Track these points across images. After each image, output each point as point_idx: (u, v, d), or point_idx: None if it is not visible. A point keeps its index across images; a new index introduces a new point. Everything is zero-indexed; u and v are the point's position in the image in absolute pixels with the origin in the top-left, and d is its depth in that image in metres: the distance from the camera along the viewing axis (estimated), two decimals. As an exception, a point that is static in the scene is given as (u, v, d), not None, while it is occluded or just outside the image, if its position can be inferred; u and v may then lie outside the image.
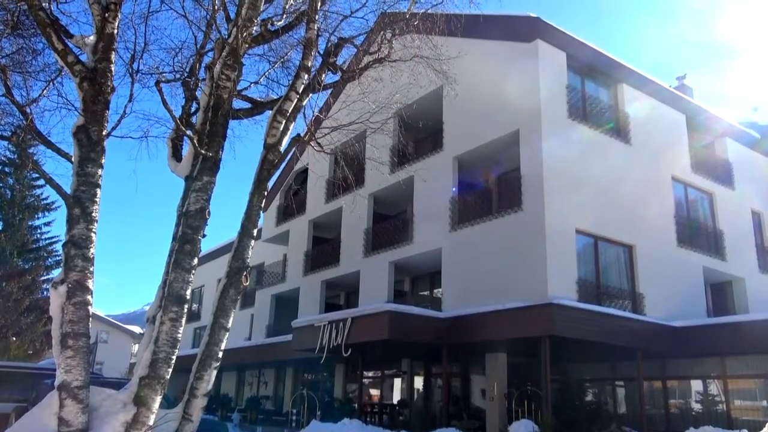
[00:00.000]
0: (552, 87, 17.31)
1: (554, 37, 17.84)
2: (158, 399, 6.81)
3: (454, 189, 19.36)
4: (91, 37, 7.05)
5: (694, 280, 19.21)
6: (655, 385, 17.34)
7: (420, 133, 20.87)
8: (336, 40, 9.36)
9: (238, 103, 9.07)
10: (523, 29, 18.05)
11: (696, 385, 17.09)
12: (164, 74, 9.24)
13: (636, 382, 16.42)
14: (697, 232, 20.23)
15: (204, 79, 8.46)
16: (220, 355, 7.70)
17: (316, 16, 9.00)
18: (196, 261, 7.47)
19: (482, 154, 19.13)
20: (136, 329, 55.99)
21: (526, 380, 16.26)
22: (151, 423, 6.68)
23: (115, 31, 7.07)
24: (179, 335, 7.09)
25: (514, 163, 17.46)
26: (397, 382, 21.83)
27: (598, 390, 18.54)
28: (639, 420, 15.83)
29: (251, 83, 9.78)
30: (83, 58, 7.00)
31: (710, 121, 22.16)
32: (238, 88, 8.64)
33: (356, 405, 20.95)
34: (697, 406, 16.77)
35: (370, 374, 22.82)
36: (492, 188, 19.32)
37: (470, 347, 16.96)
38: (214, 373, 7.64)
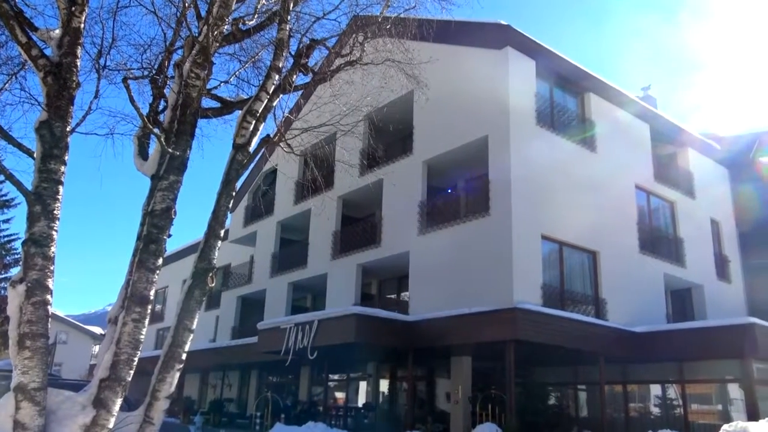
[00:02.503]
0: (521, 94, 17.53)
1: (524, 45, 18.09)
2: (119, 401, 6.67)
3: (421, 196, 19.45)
4: (57, 31, 6.89)
5: (655, 286, 19.66)
6: (616, 389, 17.67)
7: (390, 137, 20.91)
8: (308, 42, 9.32)
9: (207, 102, 8.96)
10: (493, 36, 18.26)
11: (655, 389, 17.49)
12: (132, 71, 9.07)
13: (597, 386, 16.72)
14: (658, 239, 20.71)
15: (173, 77, 8.34)
16: (184, 356, 7.59)
17: (288, 17, 8.95)
18: (160, 261, 7.35)
19: (451, 159, 19.27)
20: (97, 330, 54.82)
21: (491, 384, 16.42)
22: (110, 426, 6.54)
23: (82, 25, 6.92)
24: (142, 336, 6.97)
25: (483, 168, 17.64)
26: (363, 385, 21.81)
27: (560, 394, 18.82)
28: (600, 424, 16.11)
29: (221, 82, 9.67)
30: (48, 52, 6.84)
31: (673, 132, 22.72)
32: (208, 86, 8.54)
33: (321, 408, 20.88)
34: (655, 410, 17.16)
35: (336, 377, 22.75)
36: (460, 193, 19.49)
37: (436, 351, 17.05)
38: (177, 375, 7.52)
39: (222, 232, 8.17)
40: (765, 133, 25.28)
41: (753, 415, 13.95)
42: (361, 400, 21.21)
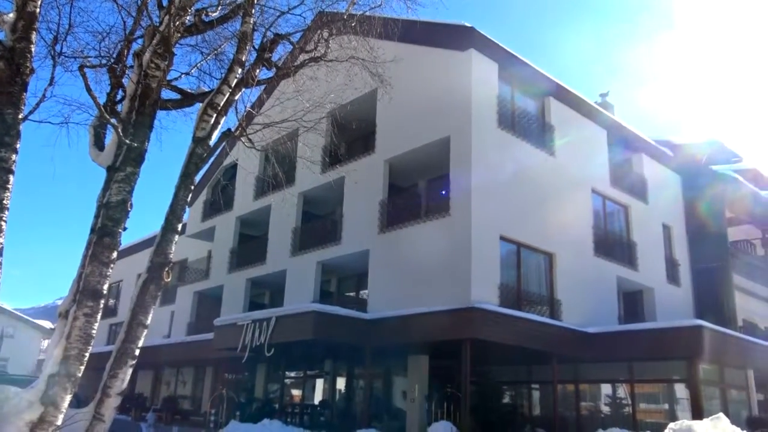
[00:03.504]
0: (483, 96, 17.73)
1: (487, 47, 18.29)
2: (68, 398, 6.51)
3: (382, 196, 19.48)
4: (11, 15, 6.67)
5: (608, 288, 20.16)
6: (568, 388, 18.05)
7: (353, 135, 20.88)
8: (272, 36, 9.25)
9: (167, 94, 8.81)
10: (458, 38, 18.41)
11: (606, 388, 17.94)
12: (89, 59, 8.84)
13: (550, 385, 17.07)
14: (612, 242, 21.22)
15: (132, 67, 8.17)
16: (137, 352, 7.45)
17: (253, 10, 8.87)
18: (115, 254, 7.20)
19: (413, 159, 19.37)
20: (47, 324, 53.21)
21: (447, 382, 16.57)
22: (59, 423, 6.39)
23: (38, 10, 6.71)
24: (94, 331, 6.82)
25: (444, 168, 17.77)
26: (320, 383, 21.75)
27: (514, 392, 19.14)
28: (552, 422, 16.45)
29: (182, 74, 9.52)
30: (1, 36, 6.61)
31: (629, 138, 23.31)
32: (168, 78, 8.40)
33: (277, 405, 20.74)
34: (606, 409, 17.61)
35: (293, 374, 22.63)
36: (421, 193, 19.60)
37: (393, 349, 17.12)
38: (130, 371, 7.38)
39: (179, 226, 8.05)
40: (716, 141, 26.16)
41: (697, 414, 14.45)
42: (318, 397, 21.15)
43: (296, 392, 22.76)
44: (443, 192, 17.51)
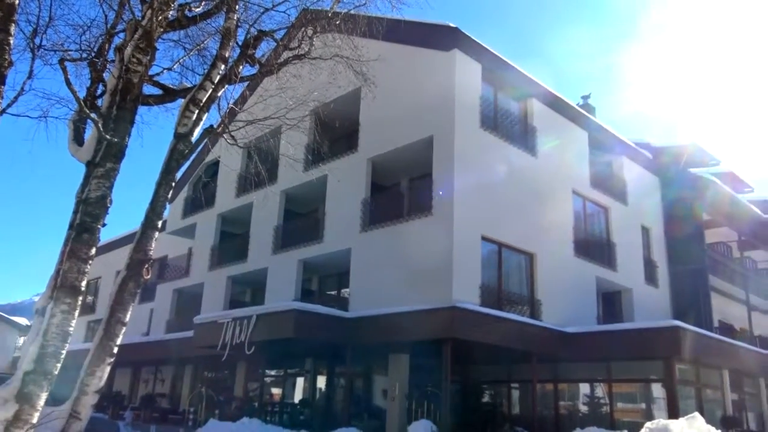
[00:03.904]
0: (466, 97, 17.80)
1: (471, 48, 18.36)
2: (44, 396, 6.43)
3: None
4: (-12, 6, 6.55)
5: (588, 288, 20.36)
6: (547, 388, 18.20)
7: (336, 133, 20.83)
8: (255, 33, 9.19)
9: (148, 89, 8.71)
10: (442, 38, 18.46)
11: (584, 388, 18.11)
12: (69, 52, 8.71)
13: (530, 385, 17.20)
14: (592, 243, 21.43)
15: (113, 61, 8.07)
16: (115, 350, 7.38)
17: (236, 6, 8.81)
18: (93, 251, 7.12)
19: (396, 158, 19.38)
20: (23, 321, 52.38)
21: (428, 381, 16.62)
22: (34, 421, 6.30)
23: (17, 1, 6.61)
24: (71, 328, 6.74)
25: (427, 168, 17.81)
26: (300, 381, 21.68)
27: (494, 391, 19.25)
28: (531, 421, 16.57)
29: (164, 69, 9.40)
30: (-22, 27, 6.49)
31: (610, 140, 23.55)
32: (150, 73, 8.31)
33: (257, 404, 20.65)
34: (584, 408, 17.77)
35: (273, 373, 22.54)
36: (404, 192, 19.62)
37: (374, 348, 17.13)
38: (108, 369, 7.30)
39: (160, 223, 7.98)
40: (694, 144, 26.52)
41: (674, 414, 14.65)
42: (298, 396, 21.09)
43: (276, 391, 22.67)
44: (426, 192, 17.51)
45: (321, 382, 20.85)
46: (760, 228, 28.50)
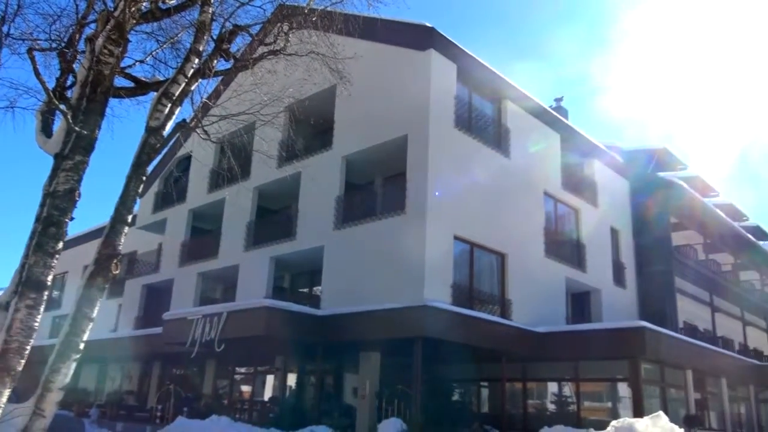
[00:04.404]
0: (441, 96, 17.88)
1: (447, 48, 18.45)
2: (7, 392, 6.29)
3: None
4: (-46, -8, 6.38)
5: (558, 289, 20.63)
6: (516, 386, 18.41)
7: (310, 130, 20.77)
8: (231, 27, 9.10)
9: (120, 81, 8.57)
10: (418, 38, 18.51)
11: (552, 387, 18.37)
12: (39, 42, 8.52)
13: (499, 383, 17.38)
14: (562, 244, 21.72)
15: (83, 52, 7.92)
16: (81, 346, 7.25)
17: (212, 0, 8.72)
18: (60, 245, 6.99)
19: (371, 156, 19.39)
20: (-15, 315, 51.15)
21: (398, 380, 16.67)
22: (-4, 418, 6.16)
23: (-17, -12, 6.45)
24: (36, 324, 6.61)
25: (401, 167, 17.85)
26: (270, 379, 21.57)
27: (464, 390, 19.38)
28: (500, 419, 16.74)
29: (136, 61, 9.26)
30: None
31: (581, 143, 23.89)
32: (122, 65, 8.18)
33: (226, 401, 20.49)
34: (552, 407, 18.02)
35: (243, 370, 22.38)
36: (378, 190, 19.64)
37: (345, 346, 17.12)
38: (74, 365, 7.18)
39: (129, 218, 7.86)
40: (662, 149, 27.07)
41: (638, 412, 14.93)
42: (268, 393, 20.97)
43: (246, 388, 22.52)
44: (399, 190, 17.55)
45: (291, 379, 20.76)
46: (725, 231, 29.24)
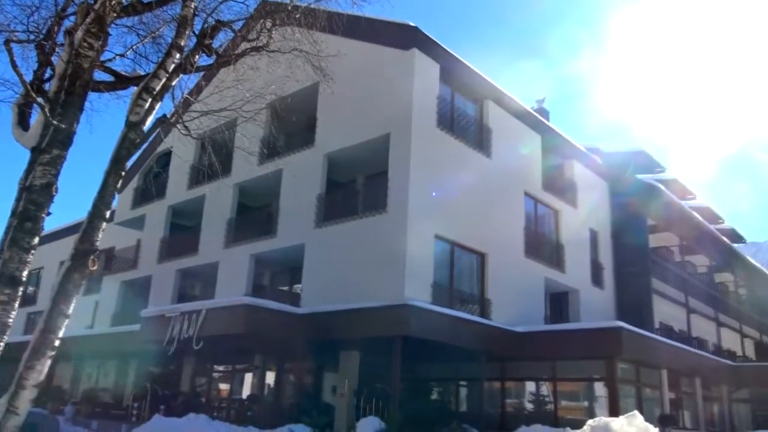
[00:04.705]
0: (424, 96, 17.92)
1: (430, 48, 18.49)
2: (-21, 389, 6.18)
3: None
4: (-71, -19, 6.25)
5: (536, 289, 20.80)
6: (495, 386, 18.51)
7: (292, 127, 20.68)
8: (213, 22, 9.02)
9: (99, 75, 8.45)
10: (401, 37, 18.52)
11: (530, 386, 18.50)
12: (16, 33, 8.37)
13: (477, 383, 17.47)
14: (542, 245, 21.90)
15: (62, 45, 7.80)
16: (57, 343, 7.15)
17: (194, -6, 8.63)
18: (36, 240, 6.89)
19: (353, 154, 19.37)
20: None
21: (378, 378, 16.68)
22: (-32, 416, 6.05)
23: (-41, -23, 6.32)
24: (10, 320, 6.51)
25: (383, 166, 17.86)
26: (249, 377, 21.43)
27: (443, 389, 19.46)
28: (478, 418, 16.83)
29: (116, 55, 9.13)
30: None
31: (562, 144, 24.09)
32: (102, 58, 8.07)
33: (204, 399, 20.34)
34: (529, 406, 18.16)
35: (221, 368, 22.20)
36: (359, 189, 19.62)
37: (325, 344, 17.09)
38: (48, 362, 7.07)
39: (108, 213, 7.77)
40: (641, 152, 27.41)
41: (614, 412, 15.11)
42: (246, 392, 20.85)
43: (224, 386, 22.34)
44: (381, 189, 17.55)
45: (270, 378, 20.66)
46: (701, 234, 29.69)
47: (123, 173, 7.96)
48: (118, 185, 7.91)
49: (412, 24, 18.34)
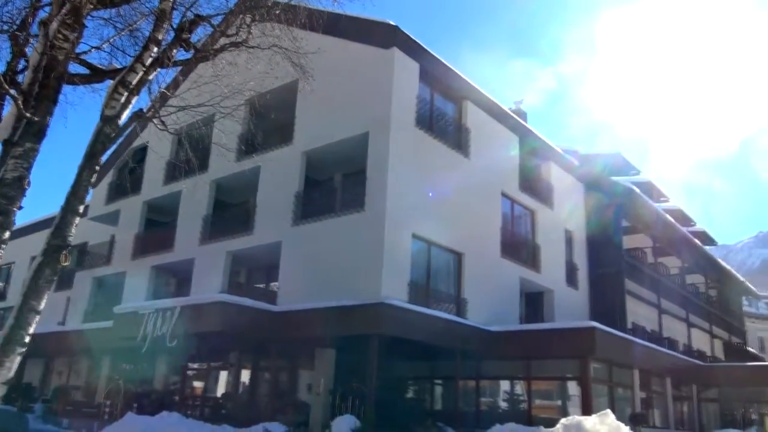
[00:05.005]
0: (403, 95, 17.95)
1: (410, 47, 18.52)
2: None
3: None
4: None
5: (512, 288, 20.97)
6: (470, 384, 18.63)
7: (271, 124, 20.56)
8: (192, 16, 8.93)
9: (75, 67, 8.33)
10: (381, 35, 18.52)
11: (504, 385, 18.67)
12: (-12, 23, 8.21)
13: (453, 381, 17.57)
14: (518, 245, 22.09)
15: (37, 36, 7.67)
16: (27, 339, 7.03)
17: (173, -12, 8.54)
18: (7, 235, 6.77)
19: (331, 152, 19.33)
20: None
21: (354, 376, 16.68)
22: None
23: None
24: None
25: (361, 164, 17.85)
26: (223, 375, 21.29)
27: (419, 387, 19.54)
28: (453, 417, 16.93)
29: (92, 48, 9.00)
30: None
31: (539, 145, 24.31)
32: (77, 51, 7.95)
33: (177, 397, 20.16)
34: (503, 405, 18.32)
35: (195, 366, 22.02)
36: (337, 187, 19.59)
37: (301, 342, 17.06)
38: (18, 359, 6.95)
39: (81, 208, 7.66)
40: (618, 154, 27.79)
41: (587, 411, 15.32)
42: (221, 390, 20.70)
43: (198, 384, 22.16)
44: (359, 187, 17.55)
45: (245, 376, 20.54)
46: (673, 236, 30.21)
47: (97, 168, 7.84)
48: (93, 180, 7.79)
49: (392, 23, 18.35)
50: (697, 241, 32.68)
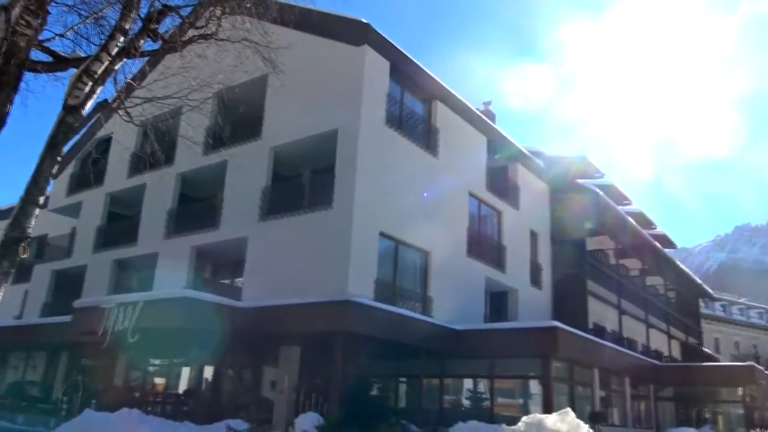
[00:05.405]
0: (373, 93, 17.95)
1: (381, 45, 18.53)
2: None
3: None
4: None
5: (477, 288, 21.18)
6: (434, 383, 18.75)
7: (239, 118, 20.34)
8: (160, 6, 8.77)
9: (37, 54, 8.10)
10: (353, 33, 18.48)
11: (468, 383, 18.85)
12: (-54, 6, 7.93)
13: (417, 379, 17.67)
14: (484, 245, 22.30)
15: (-3, 21, 7.43)
16: (-17, 333, 6.83)
17: (141, -23, 8.37)
18: (-37, 225, 6.54)
19: (300, 148, 19.23)
20: None
21: (318, 374, 16.66)
22: None
23: None
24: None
25: (330, 161, 17.80)
26: (186, 371, 20.99)
27: (383, 385, 19.59)
28: (417, 414, 17.02)
29: (56, 35, 8.76)
30: None
31: (506, 146, 24.58)
32: (40, 37, 7.74)
33: (138, 394, 19.81)
34: (467, 403, 18.50)
35: (158, 362, 21.67)
36: (305, 183, 19.51)
37: (266, 339, 16.94)
38: (-27, 353, 6.76)
39: (42, 199, 7.47)
40: (583, 157, 28.26)
41: (548, 409, 15.57)
42: (183, 386, 20.42)
43: (160, 381, 21.81)
44: (327, 184, 17.50)
45: (208, 372, 20.29)
46: (635, 238, 30.88)
47: (59, 158, 7.66)
48: (54, 170, 7.61)
49: (364, 20, 18.32)
50: (657, 243, 33.47)
